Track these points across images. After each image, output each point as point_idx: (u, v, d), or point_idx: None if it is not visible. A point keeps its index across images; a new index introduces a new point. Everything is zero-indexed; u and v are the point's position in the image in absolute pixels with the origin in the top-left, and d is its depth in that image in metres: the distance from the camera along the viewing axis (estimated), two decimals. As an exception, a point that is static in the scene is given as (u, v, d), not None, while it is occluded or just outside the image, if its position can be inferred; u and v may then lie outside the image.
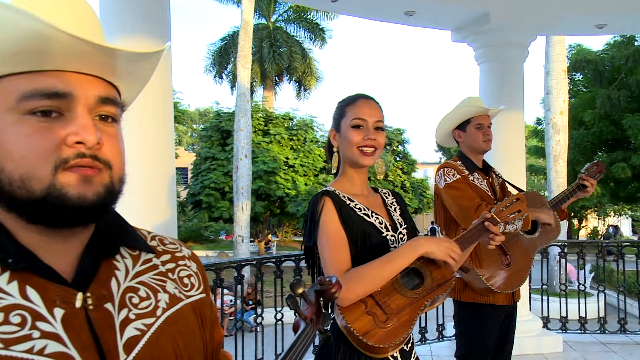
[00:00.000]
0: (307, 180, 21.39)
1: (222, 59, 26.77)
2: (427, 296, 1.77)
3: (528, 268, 3.01)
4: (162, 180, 3.22)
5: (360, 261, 1.76)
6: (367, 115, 1.85)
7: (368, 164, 1.88)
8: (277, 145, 21.34)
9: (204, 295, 0.93)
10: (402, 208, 2.03)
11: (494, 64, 5.24)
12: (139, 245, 0.88)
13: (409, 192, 22.94)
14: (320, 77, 29.04)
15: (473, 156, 3.04)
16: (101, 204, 0.76)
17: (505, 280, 2.89)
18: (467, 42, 5.43)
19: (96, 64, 0.77)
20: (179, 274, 0.91)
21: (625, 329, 5.88)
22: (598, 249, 6.26)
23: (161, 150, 3.26)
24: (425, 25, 5.73)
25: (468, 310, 2.98)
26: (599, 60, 15.05)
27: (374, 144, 1.84)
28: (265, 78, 27.34)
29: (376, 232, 1.85)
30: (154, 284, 0.86)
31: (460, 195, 2.84)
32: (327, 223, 1.78)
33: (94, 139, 0.74)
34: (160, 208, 3.18)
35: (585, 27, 5.80)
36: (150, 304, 0.83)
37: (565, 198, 3.16)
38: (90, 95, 0.76)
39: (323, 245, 1.78)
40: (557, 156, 12.16)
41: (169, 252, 0.93)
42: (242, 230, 14.98)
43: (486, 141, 2.99)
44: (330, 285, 1.17)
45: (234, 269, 4.39)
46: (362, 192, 1.94)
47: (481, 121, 2.99)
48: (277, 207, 21.45)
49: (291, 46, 26.86)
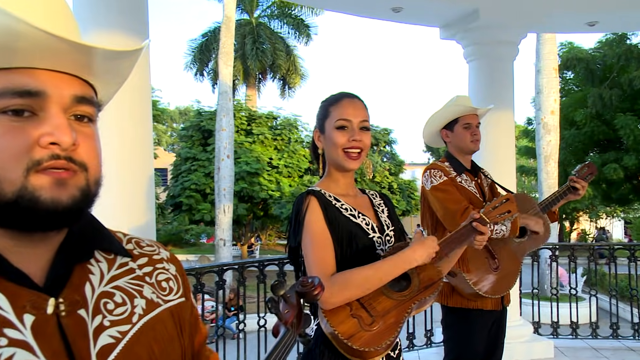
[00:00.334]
0: (291, 181, 21.38)
1: (203, 56, 26.67)
2: (414, 298, 1.78)
3: (517, 272, 3.03)
4: (140, 182, 3.20)
5: (346, 263, 1.77)
6: (351, 116, 1.85)
7: (354, 167, 1.89)
8: (261, 145, 21.31)
9: (183, 299, 0.93)
10: (390, 210, 2.04)
11: (483, 62, 5.28)
12: (115, 248, 0.87)
13: (396, 194, 23.01)
14: (305, 75, 29.04)
15: (461, 157, 3.06)
16: (76, 208, 0.75)
17: (493, 284, 2.90)
18: (456, 40, 5.46)
19: (71, 62, 0.76)
20: (156, 278, 0.90)
21: (618, 334, 5.93)
22: (590, 252, 6.33)
23: (139, 151, 3.24)
24: (413, 22, 5.76)
25: (456, 315, 2.99)
26: (590, 58, 15.19)
27: (359, 145, 1.85)
28: (248, 76, 27.28)
29: (362, 234, 1.85)
30: (130, 288, 0.85)
31: (446, 198, 2.86)
32: (312, 223, 1.78)
33: (69, 140, 0.73)
34: (138, 210, 3.16)
35: (576, 24, 5.87)
36: (126, 310, 0.82)
37: (556, 200, 3.17)
38: (65, 94, 0.75)
39: (307, 245, 1.78)
40: (548, 157, 12.27)
41: (146, 255, 0.93)
42: (224, 234, 14.93)
43: (474, 141, 3.00)
44: (312, 286, 1.17)
45: (216, 273, 4.37)
46: (347, 192, 1.95)
47: (469, 121, 3.01)
48: (260, 210, 21.41)
49: (275, 43, 26.82)
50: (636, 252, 6.02)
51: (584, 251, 6.69)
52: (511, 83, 5.32)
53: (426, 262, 1.81)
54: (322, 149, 1.94)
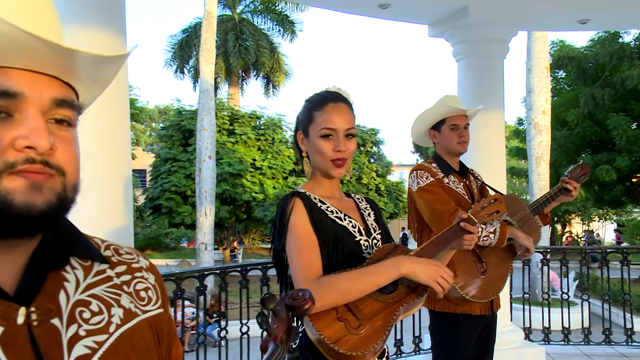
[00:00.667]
0: (275, 183, 21.36)
1: (183, 53, 26.58)
2: (401, 300, 1.79)
3: (505, 276, 3.05)
4: (117, 184, 3.18)
5: (332, 267, 1.77)
6: (336, 123, 1.85)
7: (340, 175, 1.90)
8: (244, 145, 21.26)
9: (161, 311, 0.92)
10: (376, 214, 2.06)
11: (473, 60, 5.31)
12: (91, 255, 0.87)
13: (383, 196, 23.09)
14: (290, 73, 29.06)
15: (449, 158, 3.08)
16: (52, 213, 0.74)
17: (481, 288, 2.91)
18: (445, 38, 5.49)
19: (52, 64, 0.74)
20: (135, 287, 0.90)
21: (610, 340, 5.98)
22: (582, 256, 6.38)
23: (116, 151, 3.22)
24: (401, 19, 5.77)
25: (443, 320, 3.01)
26: (582, 57, 15.33)
27: (345, 155, 1.86)
28: (230, 74, 27.23)
29: (349, 236, 1.86)
30: (107, 297, 0.84)
31: (433, 199, 2.88)
32: (297, 225, 1.78)
33: (46, 144, 0.72)
34: (115, 214, 3.13)
35: (567, 22, 5.92)
36: (103, 319, 0.81)
37: (547, 202, 3.19)
38: (44, 97, 0.74)
39: (292, 248, 1.78)
40: (539, 158, 12.38)
41: (124, 263, 0.92)
42: (205, 237, 14.87)
43: (461, 143, 3.02)
44: (303, 300, 1.17)
45: (196, 278, 4.35)
46: (333, 194, 1.96)
47: (456, 122, 3.03)
48: (243, 212, 21.36)
49: (258, 40, 26.80)
50: (629, 255, 6.07)
51: (576, 255, 6.74)
52: (501, 82, 5.35)
53: (425, 282, 1.80)
54: (306, 152, 1.94)
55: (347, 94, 1.96)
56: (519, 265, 6.07)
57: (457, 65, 5.46)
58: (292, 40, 27.65)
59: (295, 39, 27.59)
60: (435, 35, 5.59)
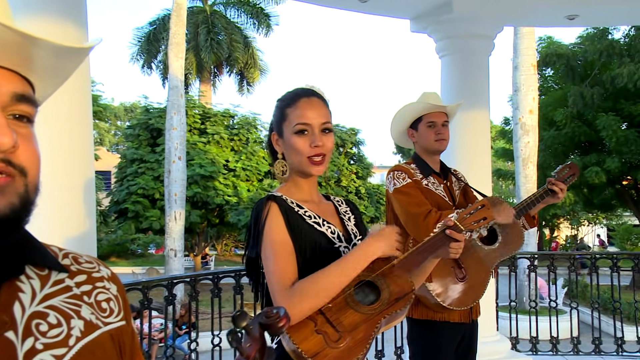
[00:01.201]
0: (249, 185, 21.30)
1: (151, 47, 26.39)
2: (383, 312, 1.78)
3: (485, 282, 3.06)
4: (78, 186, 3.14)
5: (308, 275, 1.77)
6: (310, 118, 1.85)
7: (319, 173, 1.89)
8: (216, 146, 21.17)
9: (124, 323, 0.92)
10: (357, 218, 2.06)
11: (456, 57, 5.35)
12: (49, 263, 0.86)
13: (364, 199, 23.14)
14: (265, 70, 29.00)
15: (428, 158, 3.11)
16: (14, 217, 0.73)
17: (459, 295, 2.93)
18: (427, 33, 5.52)
19: (10, 55, 0.74)
20: (96, 298, 0.89)
21: (600, 350, 6.05)
22: (570, 262, 6.45)
23: (77, 151, 3.18)
24: (382, 13, 5.80)
25: (421, 328, 3.03)
26: (570, 54, 15.49)
27: (322, 150, 1.85)
28: (201, 69, 27.09)
29: (327, 243, 1.86)
30: (66, 308, 0.84)
31: (408, 201, 2.90)
32: (272, 231, 1.78)
33: (9, 142, 0.71)
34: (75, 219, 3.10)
35: (555, 18, 5.99)
36: (62, 331, 0.81)
37: (532, 204, 3.21)
38: (4, 92, 0.74)
39: (267, 256, 1.77)
40: (526, 159, 12.51)
41: (84, 272, 0.91)
42: (174, 243, 14.76)
43: (439, 140, 3.05)
44: (277, 317, 1.17)
45: (165, 287, 4.33)
46: (311, 198, 1.96)
47: (433, 119, 3.06)
48: (215, 217, 21.26)
49: (232, 33, 26.71)
50: (619, 261, 6.15)
51: (564, 260, 6.80)
52: (486, 80, 5.39)
53: (389, 253, 1.82)
54: (282, 152, 1.94)
55: (322, 91, 1.97)
56: (505, 271, 6.13)
57: (440, 62, 5.50)
58: (268, 34, 27.60)
59: (270, 33, 27.55)
60: (418, 31, 5.62)
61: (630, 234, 21.03)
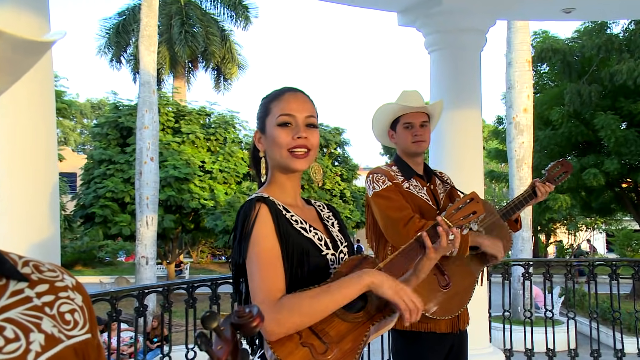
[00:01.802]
0: (227, 188, 21.27)
1: (120, 39, 26.26)
2: (371, 319, 1.79)
3: (470, 289, 3.09)
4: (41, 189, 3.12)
5: (295, 285, 1.76)
6: (295, 111, 1.87)
7: (301, 168, 1.89)
8: (191, 146, 21.12)
9: (89, 336, 0.91)
10: (340, 224, 2.07)
11: (446, 52, 5.37)
12: (6, 271, 0.85)
13: (349, 203, 23.19)
14: (244, 65, 29.03)
15: (410, 160, 3.13)
16: None
17: (442, 304, 2.95)
18: (416, 27, 5.54)
19: None
20: (59, 309, 0.89)
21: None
22: (567, 269, 6.48)
23: (40, 151, 3.16)
24: (367, 5, 5.83)
25: (405, 339, 3.03)
26: (567, 49, 15.57)
27: (305, 143, 1.86)
28: (175, 64, 27.02)
29: (315, 251, 1.86)
30: (25, 321, 0.83)
31: (388, 206, 2.92)
32: (261, 236, 1.77)
33: None
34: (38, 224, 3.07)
35: (550, 11, 6.04)
36: (20, 346, 0.80)
37: (518, 206, 3.27)
38: None
39: (253, 263, 1.76)
40: (520, 160, 12.60)
41: (46, 282, 0.90)
42: (146, 250, 14.68)
43: (416, 142, 3.07)
44: (250, 317, 1.16)
45: (135, 297, 4.29)
46: (295, 201, 1.96)
47: (410, 119, 3.09)
48: (190, 222, 21.20)
49: (207, 26, 26.67)
50: (618, 268, 6.17)
51: (561, 268, 6.84)
52: (478, 77, 5.42)
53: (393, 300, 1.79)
54: (264, 151, 1.94)
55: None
56: (499, 280, 6.16)
57: (429, 58, 5.52)
58: (246, 27, 27.61)
59: (249, 26, 27.55)
60: (406, 25, 5.64)
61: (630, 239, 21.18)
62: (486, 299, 5.40)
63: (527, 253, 12.60)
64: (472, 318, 3.26)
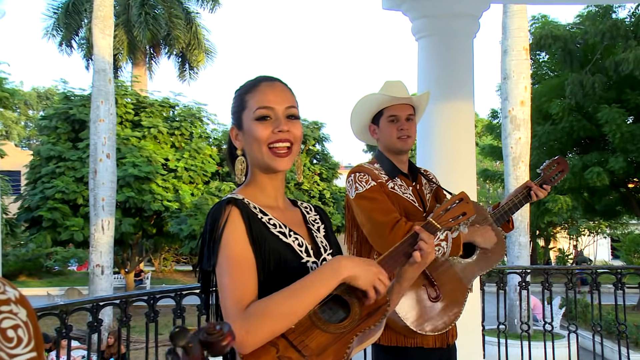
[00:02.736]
0: (193, 189, 21.21)
1: (70, 20, 26.00)
2: (355, 329, 1.79)
3: (462, 301, 3.07)
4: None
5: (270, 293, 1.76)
6: (273, 102, 1.88)
7: (284, 168, 1.90)
8: (153, 141, 21.02)
9: (34, 355, 0.91)
10: (327, 228, 2.08)
11: (435, 39, 5.38)
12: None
13: (329, 205, 23.22)
14: (212, 52, 28.95)
15: (394, 157, 3.12)
16: None
17: (432, 318, 2.95)
18: (402, 11, 5.55)
19: None
20: (0, 325, 0.89)
21: (602, 379, 6.15)
22: (568, 278, 6.53)
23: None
24: (349, -15, 5.83)
25: (390, 356, 3.02)
26: (568, 36, 15.63)
27: (287, 137, 1.87)
28: (134, 50, 26.86)
29: (294, 257, 1.87)
30: None
31: (373, 208, 2.91)
32: (231, 241, 1.78)
33: None
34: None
35: (550, -7, 6.10)
36: None
37: (510, 211, 3.32)
38: None
39: (223, 270, 1.77)
40: (517, 158, 12.68)
41: None
42: (101, 258, 14.60)
43: (402, 138, 3.05)
44: (220, 335, 1.17)
45: (89, 311, 4.27)
46: (277, 203, 1.97)
47: (395, 112, 3.07)
48: (152, 226, 21.11)
49: (170, 7, 26.56)
50: (624, 277, 6.21)
51: (561, 276, 6.88)
52: (471, 66, 5.44)
53: (363, 286, 1.81)
54: (242, 149, 1.95)
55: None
56: (493, 289, 6.19)
57: (417, 45, 5.54)
58: (214, 10, 27.58)
59: (217, 8, 27.50)
60: (391, 8, 5.65)
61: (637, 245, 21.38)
62: (479, 311, 5.42)
63: (525, 260, 12.71)
64: (463, 331, 3.27)
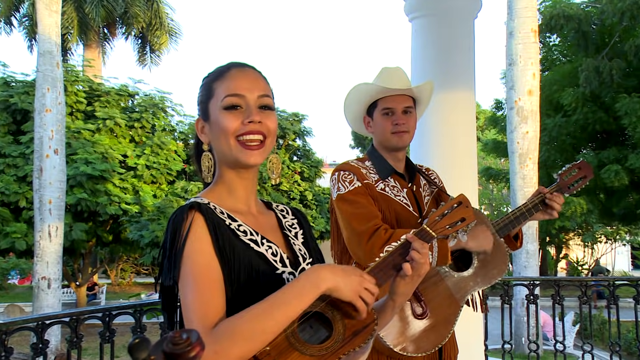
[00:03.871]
0: (156, 189, 21.13)
1: (11, -6, 25.88)
2: (337, 351, 1.78)
3: (452, 320, 3.04)
4: None
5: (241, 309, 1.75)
6: (244, 90, 1.88)
7: (255, 162, 1.90)
8: (109, 135, 20.92)
9: None
10: (305, 233, 2.09)
11: (432, 19, 5.39)
12: None
13: (311, 208, 23.19)
14: (177, 33, 28.93)
15: (388, 154, 3.12)
16: None
17: (416, 337, 2.91)
18: (394, -14, 5.57)
19: None
20: None
21: (620, 406, 6.18)
22: (582, 290, 6.53)
23: None
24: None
25: None
26: (583, 16, 15.67)
27: (259, 128, 1.87)
28: (86, 30, 26.75)
29: (267, 268, 1.87)
30: None
31: (352, 213, 2.90)
32: (194, 252, 1.78)
33: None
34: None
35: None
36: None
37: (517, 221, 3.21)
38: None
39: (186, 285, 1.77)
40: (524, 155, 12.72)
41: None
42: (48, 270, 14.50)
43: (397, 133, 3.04)
44: (187, 344, 1.16)
45: (33, 331, 4.25)
46: (248, 207, 1.97)
47: (390, 104, 3.06)
48: (108, 232, 21.02)
49: (129, -19, 26.48)
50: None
51: (575, 289, 6.89)
52: (471, 50, 5.45)
53: (346, 297, 1.79)
54: (209, 143, 1.95)
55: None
56: (498, 304, 6.20)
57: (410, 27, 5.54)
58: (179, -17, 27.49)
59: (183, -19, 27.44)
60: (381, -17, 5.66)
61: (659, 253, 21.58)
62: (481, 328, 5.44)
63: (533, 270, 12.74)
64: (463, 352, 3.27)
